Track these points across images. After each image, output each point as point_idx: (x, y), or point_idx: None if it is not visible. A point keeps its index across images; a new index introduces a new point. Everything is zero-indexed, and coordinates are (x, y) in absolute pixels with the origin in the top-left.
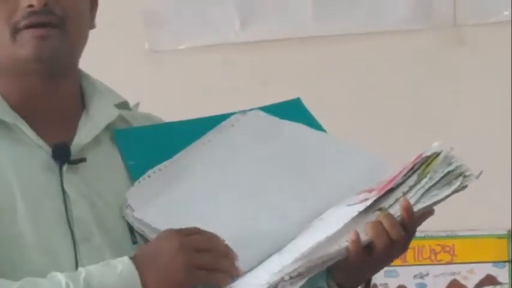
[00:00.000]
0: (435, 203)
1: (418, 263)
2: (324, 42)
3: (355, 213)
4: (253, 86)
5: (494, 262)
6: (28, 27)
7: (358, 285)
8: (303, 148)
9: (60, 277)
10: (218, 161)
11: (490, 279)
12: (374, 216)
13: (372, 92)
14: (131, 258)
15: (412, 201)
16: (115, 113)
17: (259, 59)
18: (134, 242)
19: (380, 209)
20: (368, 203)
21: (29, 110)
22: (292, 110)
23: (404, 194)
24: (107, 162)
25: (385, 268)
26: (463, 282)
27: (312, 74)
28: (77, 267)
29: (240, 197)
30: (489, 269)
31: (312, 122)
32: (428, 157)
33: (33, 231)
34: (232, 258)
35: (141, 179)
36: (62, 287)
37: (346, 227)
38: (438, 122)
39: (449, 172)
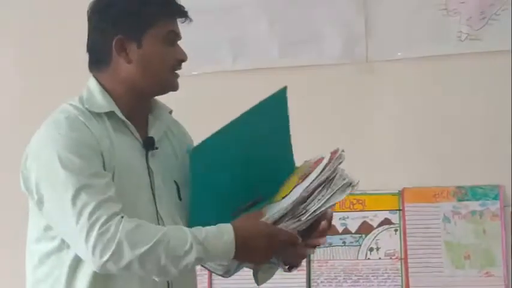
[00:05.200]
0: (333, 205)
1: (342, 210)
2: (286, 72)
3: (277, 217)
4: (238, 98)
5: (390, 210)
6: (176, 70)
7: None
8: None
9: (189, 235)
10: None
11: (387, 221)
12: (292, 220)
13: (310, 108)
14: (235, 231)
15: (319, 205)
16: (170, 117)
17: (243, 81)
18: (180, 199)
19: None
20: (290, 207)
21: (130, 114)
22: (276, 102)
23: (312, 200)
24: (167, 149)
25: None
26: (370, 223)
27: None
28: (157, 213)
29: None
30: (387, 215)
31: (283, 114)
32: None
33: (133, 192)
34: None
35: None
36: (187, 241)
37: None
38: (355, 131)
39: (343, 184)
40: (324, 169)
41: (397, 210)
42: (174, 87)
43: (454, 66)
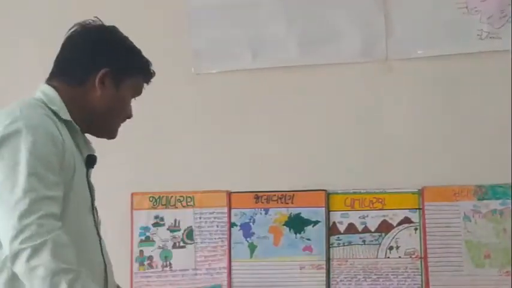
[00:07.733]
0: None
1: (362, 209)
2: (305, 70)
3: None
4: (257, 96)
5: (410, 209)
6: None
7: None
8: None
9: None
10: None
11: (407, 219)
12: None
13: (329, 106)
14: None
15: None
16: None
17: (262, 79)
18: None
19: None
20: None
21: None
22: None
23: None
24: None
25: (341, 211)
26: (390, 221)
27: (297, 90)
28: (96, 230)
29: None
30: (406, 213)
31: None
32: None
33: (82, 206)
34: None
35: None
36: None
37: None
38: (375, 130)
39: None
40: None
41: (417, 209)
42: (113, 135)
43: (474, 65)
